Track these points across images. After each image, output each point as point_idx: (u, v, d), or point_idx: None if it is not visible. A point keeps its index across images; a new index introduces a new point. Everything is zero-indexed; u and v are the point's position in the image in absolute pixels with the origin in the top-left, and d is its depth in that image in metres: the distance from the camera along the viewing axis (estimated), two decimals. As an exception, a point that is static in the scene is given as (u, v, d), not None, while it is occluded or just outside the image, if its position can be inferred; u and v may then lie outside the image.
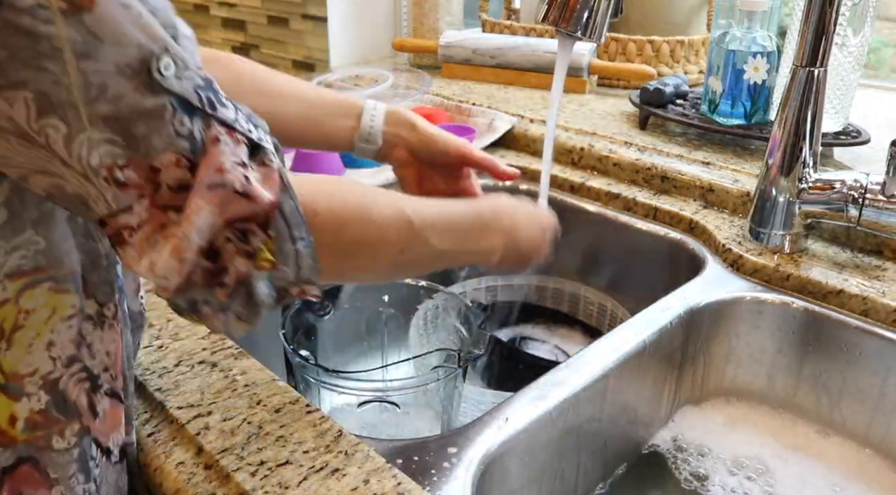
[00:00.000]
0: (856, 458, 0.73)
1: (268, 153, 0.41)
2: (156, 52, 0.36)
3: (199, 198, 0.37)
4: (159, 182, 0.37)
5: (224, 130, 0.39)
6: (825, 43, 0.72)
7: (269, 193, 0.40)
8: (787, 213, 0.78)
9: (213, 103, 0.39)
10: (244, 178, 0.39)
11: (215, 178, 0.38)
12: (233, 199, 0.38)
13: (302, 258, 0.43)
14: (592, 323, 0.95)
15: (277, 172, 0.41)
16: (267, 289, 0.42)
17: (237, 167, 0.39)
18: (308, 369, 0.62)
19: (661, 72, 1.30)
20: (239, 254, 0.40)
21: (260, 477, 0.48)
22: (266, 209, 0.40)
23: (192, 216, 0.37)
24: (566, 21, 0.65)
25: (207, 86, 0.39)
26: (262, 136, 0.41)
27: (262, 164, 0.40)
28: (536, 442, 0.59)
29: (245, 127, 0.40)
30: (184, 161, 0.37)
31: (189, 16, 1.68)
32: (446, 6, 1.49)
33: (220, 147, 0.38)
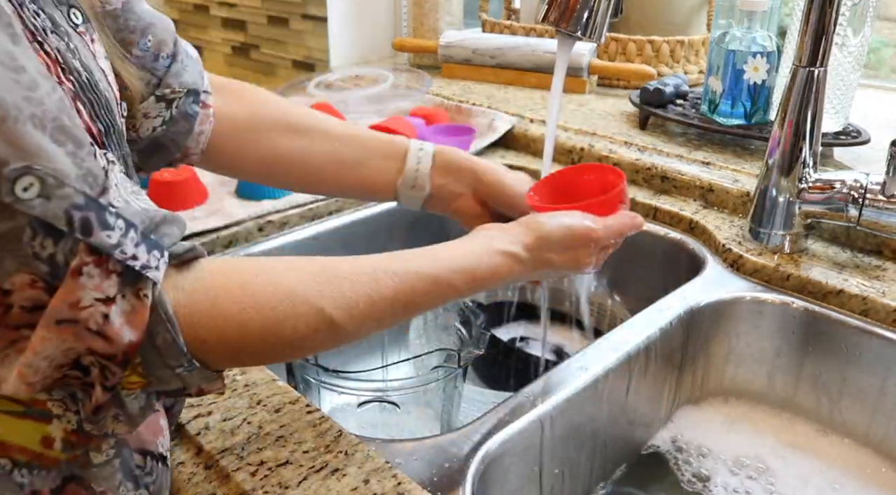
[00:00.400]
0: (855, 458, 0.73)
1: (146, 284, 0.37)
2: (11, 173, 0.32)
3: (45, 330, 0.34)
4: (10, 303, 0.34)
5: (92, 261, 0.34)
6: (825, 43, 0.72)
7: (130, 333, 0.36)
8: (787, 213, 0.78)
9: (90, 225, 0.34)
10: (101, 317, 0.35)
11: (67, 314, 0.34)
12: (87, 336, 0.35)
13: (186, 378, 0.40)
14: (592, 323, 0.95)
15: (150, 307, 0.37)
16: (143, 401, 0.40)
17: (96, 303, 0.35)
18: (308, 369, 0.62)
19: (661, 72, 1.30)
20: (99, 383, 0.37)
21: (260, 477, 0.48)
22: (123, 350, 0.36)
23: (37, 346, 0.34)
24: (566, 21, 0.65)
25: (90, 203, 0.34)
26: (148, 263, 0.37)
27: (135, 296, 0.36)
28: (536, 442, 0.59)
29: (128, 252, 0.36)
30: (40, 282, 0.34)
31: (189, 15, 1.68)
32: (446, 6, 1.49)
33: (81, 280, 0.34)
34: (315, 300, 0.43)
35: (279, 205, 0.87)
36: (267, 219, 0.85)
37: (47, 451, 0.41)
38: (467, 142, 1.04)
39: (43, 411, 0.40)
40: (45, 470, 0.40)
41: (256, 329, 0.41)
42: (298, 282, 0.44)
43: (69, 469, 0.41)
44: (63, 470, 0.41)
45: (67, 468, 0.41)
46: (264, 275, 0.43)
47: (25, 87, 0.33)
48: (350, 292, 0.45)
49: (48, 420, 0.40)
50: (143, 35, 0.56)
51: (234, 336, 0.41)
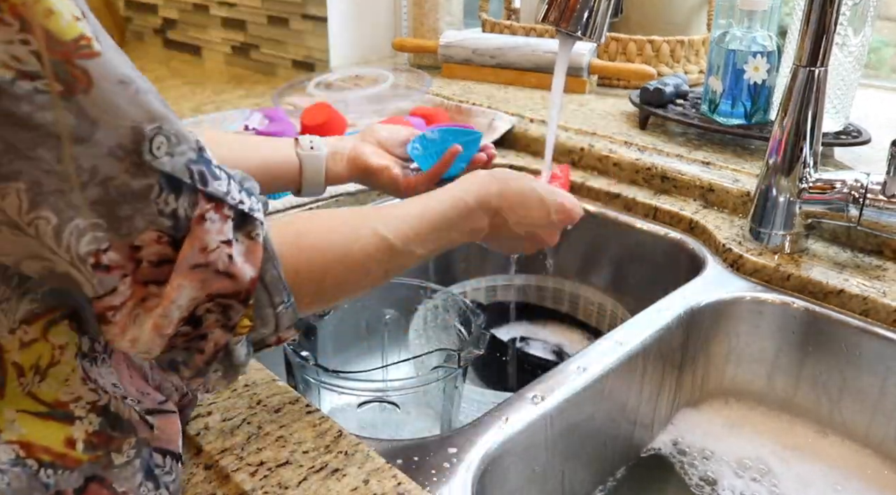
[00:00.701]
0: (855, 458, 0.73)
1: (256, 224, 0.41)
2: (149, 131, 0.35)
3: (181, 277, 0.37)
4: (140, 258, 0.37)
5: (211, 207, 0.38)
6: (826, 43, 0.72)
7: (251, 270, 0.40)
8: (788, 213, 0.78)
9: (205, 177, 0.38)
10: (227, 257, 0.38)
11: (198, 258, 0.37)
12: (214, 278, 0.38)
13: (281, 318, 0.44)
14: (592, 323, 0.95)
15: (262, 245, 0.41)
16: (245, 350, 0.43)
17: (221, 246, 0.38)
18: (308, 369, 0.62)
19: (661, 72, 1.30)
20: (219, 325, 0.40)
21: (260, 478, 0.48)
22: (247, 287, 0.40)
23: (173, 294, 0.37)
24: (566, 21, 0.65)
25: (200, 158, 0.38)
26: (252, 206, 0.41)
27: (248, 237, 0.40)
28: (536, 443, 0.59)
29: (237, 198, 0.40)
30: (165, 237, 0.37)
31: (189, 15, 1.68)
32: (446, 6, 1.49)
33: (206, 226, 0.38)
34: (370, 222, 0.52)
35: (278, 205, 0.87)
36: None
37: (70, 452, 0.41)
38: (467, 142, 1.04)
39: (66, 413, 0.41)
40: (68, 471, 0.41)
41: (335, 254, 0.48)
42: (350, 214, 0.53)
43: (91, 469, 0.41)
44: (85, 470, 0.41)
45: (90, 468, 0.41)
46: (322, 214, 0.52)
47: (138, 71, 0.36)
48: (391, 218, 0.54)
49: (71, 421, 0.41)
50: None
51: (318, 263, 0.47)
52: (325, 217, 0.52)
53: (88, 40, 0.33)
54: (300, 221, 0.50)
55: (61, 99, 0.32)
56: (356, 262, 0.50)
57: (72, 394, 0.41)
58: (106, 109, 0.34)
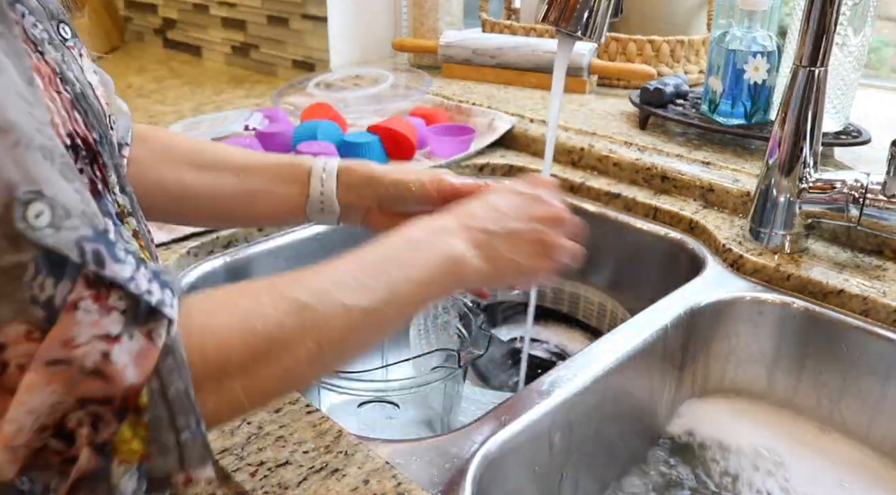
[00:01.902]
0: (855, 459, 0.73)
1: (161, 324, 0.34)
2: (24, 196, 0.30)
3: (35, 374, 0.31)
4: (6, 361, 0.31)
5: (91, 294, 0.32)
6: (826, 43, 0.72)
7: (134, 374, 0.33)
8: (788, 213, 0.78)
9: (102, 257, 0.32)
10: (100, 355, 0.32)
11: (58, 354, 0.31)
12: (82, 378, 0.32)
13: (186, 449, 0.36)
14: (592, 323, 0.95)
15: (160, 349, 0.34)
16: (135, 485, 0.35)
17: (95, 340, 0.32)
18: (308, 369, 0.62)
19: (661, 72, 1.30)
20: (88, 443, 0.33)
21: (260, 478, 0.48)
22: (124, 393, 0.33)
23: (23, 395, 0.31)
24: (566, 21, 0.65)
25: (98, 237, 0.32)
26: (163, 300, 0.34)
27: (146, 336, 0.33)
28: (536, 443, 0.59)
29: (142, 288, 0.34)
30: (36, 333, 0.31)
31: (189, 15, 1.68)
32: (446, 6, 1.49)
33: (77, 315, 0.31)
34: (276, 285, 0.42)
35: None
36: (267, 219, 0.85)
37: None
38: (467, 142, 1.04)
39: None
40: None
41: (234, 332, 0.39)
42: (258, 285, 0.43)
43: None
44: None
45: None
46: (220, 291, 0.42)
47: (38, 121, 0.32)
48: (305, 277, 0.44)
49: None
50: None
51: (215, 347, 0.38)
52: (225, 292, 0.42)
53: None
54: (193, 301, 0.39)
55: None
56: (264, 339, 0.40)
57: None
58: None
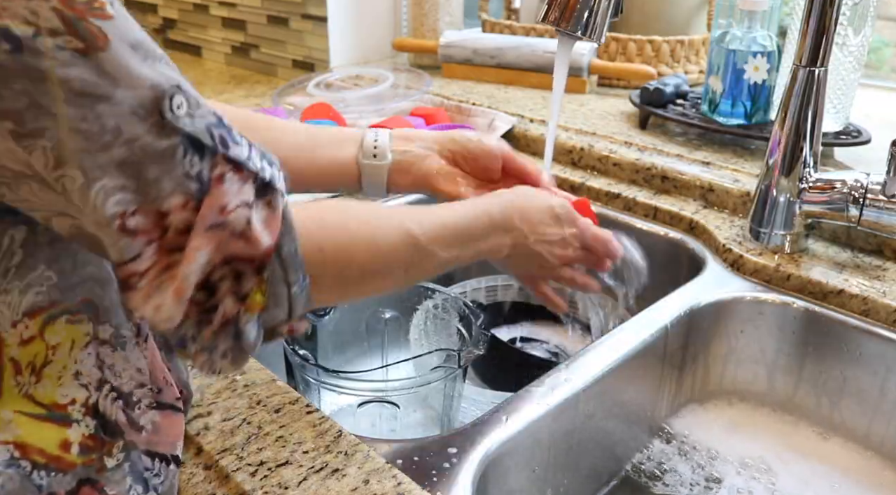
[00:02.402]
0: (856, 458, 0.73)
1: (276, 193, 0.40)
2: (168, 90, 0.35)
3: (199, 238, 0.37)
4: (167, 226, 0.37)
5: (230, 168, 0.38)
6: (826, 42, 0.72)
7: (268, 237, 0.39)
8: (788, 213, 0.78)
9: (226, 141, 0.38)
10: (245, 221, 0.38)
11: (216, 218, 0.37)
12: (231, 240, 0.38)
13: (295, 300, 0.43)
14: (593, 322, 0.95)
15: (281, 215, 0.40)
16: (255, 331, 0.42)
17: (240, 208, 0.38)
18: (308, 369, 0.62)
19: (661, 72, 1.30)
20: (230, 294, 0.39)
21: (260, 478, 0.48)
22: (262, 254, 0.39)
23: (192, 254, 0.37)
24: (566, 21, 0.65)
25: (219, 123, 0.38)
26: (273, 175, 0.40)
27: (267, 205, 0.40)
28: (536, 443, 0.59)
29: (257, 165, 0.39)
30: (191, 202, 0.37)
31: (189, 15, 1.68)
32: (446, 6, 1.49)
33: (225, 186, 0.38)
34: (398, 216, 0.52)
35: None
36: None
37: (65, 455, 0.41)
38: (467, 142, 1.04)
39: (63, 415, 0.41)
40: (61, 473, 0.41)
41: (361, 238, 0.48)
42: (378, 206, 0.54)
43: (85, 472, 0.42)
44: (79, 473, 0.41)
45: (83, 471, 0.42)
46: (350, 202, 0.52)
47: (151, 40, 0.36)
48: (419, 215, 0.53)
49: (68, 424, 0.41)
50: None
51: (343, 245, 0.47)
52: (353, 204, 0.52)
53: (101, 3, 0.33)
54: (326, 204, 0.50)
55: (82, 56, 0.32)
56: (381, 252, 0.49)
57: (67, 396, 0.41)
58: (124, 69, 0.34)
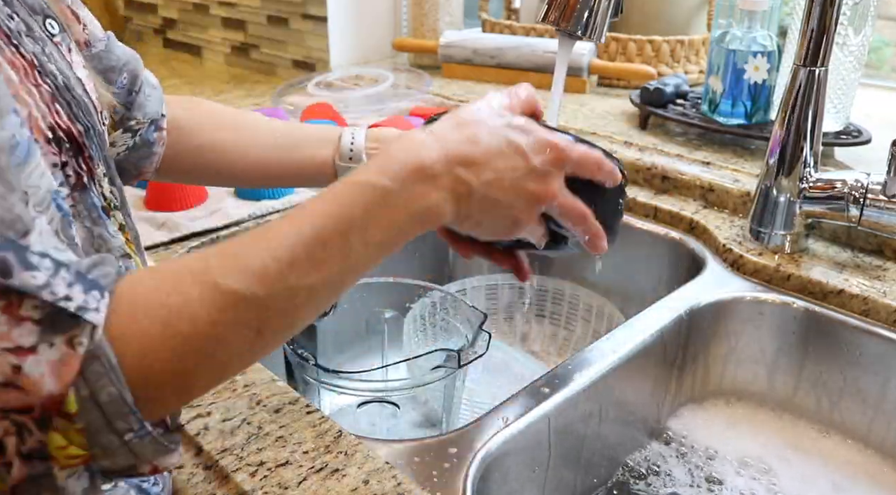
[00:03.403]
0: (856, 458, 0.73)
1: (82, 330, 0.32)
2: None
3: None
4: None
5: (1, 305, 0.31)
6: (826, 42, 0.72)
7: (52, 383, 0.32)
8: (788, 213, 0.78)
9: (8, 267, 0.31)
10: (10, 368, 0.31)
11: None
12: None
13: (136, 447, 0.35)
14: (592, 323, 0.95)
15: (82, 357, 0.32)
16: (87, 483, 0.35)
17: (6, 354, 0.31)
18: (308, 369, 0.62)
19: (661, 72, 1.30)
20: (16, 454, 0.33)
21: (260, 478, 0.48)
22: (43, 402, 0.32)
23: None
24: (566, 21, 0.65)
25: (7, 244, 0.31)
26: (85, 305, 0.33)
27: (67, 343, 0.32)
28: (536, 443, 0.59)
29: (59, 294, 0.32)
30: None
31: (189, 15, 1.68)
32: (446, 6, 1.49)
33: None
34: (209, 276, 0.37)
35: (278, 205, 0.87)
36: (266, 219, 0.85)
37: None
38: (467, 142, 1.04)
39: None
40: None
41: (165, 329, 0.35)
42: (184, 267, 0.39)
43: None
44: None
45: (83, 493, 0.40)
46: (157, 272, 0.39)
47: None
48: (243, 253, 0.39)
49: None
50: (121, 73, 0.61)
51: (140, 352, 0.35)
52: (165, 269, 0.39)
53: None
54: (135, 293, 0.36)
55: None
56: (197, 332, 0.36)
57: None
58: None
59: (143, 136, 0.63)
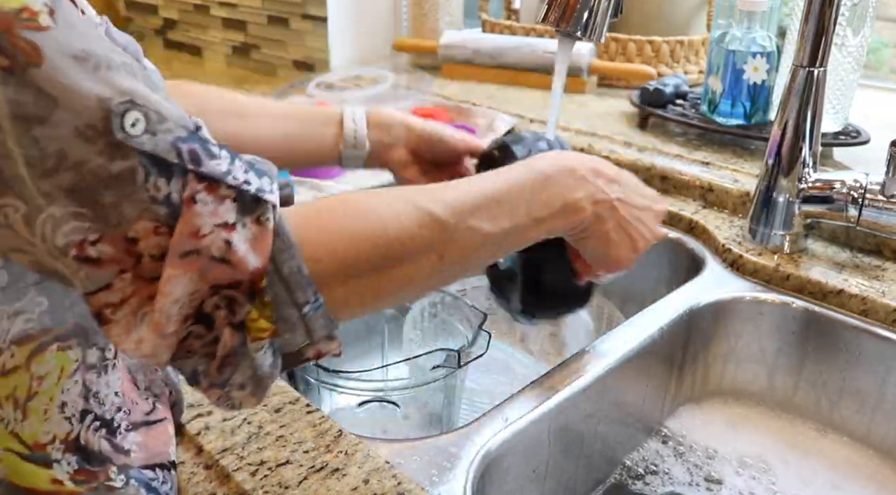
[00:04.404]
0: (855, 458, 0.73)
1: (265, 208, 0.36)
2: (119, 107, 0.32)
3: (173, 267, 0.33)
4: (139, 252, 0.33)
5: (203, 187, 0.34)
6: (825, 43, 0.72)
7: (255, 259, 0.35)
8: (787, 213, 0.78)
9: (198, 155, 0.34)
10: (224, 243, 0.34)
11: (188, 245, 0.34)
12: (212, 266, 0.34)
13: (312, 321, 0.38)
14: (591, 323, 0.95)
15: (272, 232, 0.36)
16: (271, 359, 0.38)
17: (218, 229, 0.34)
18: (308, 369, 0.62)
19: (661, 72, 1.30)
20: (227, 323, 0.36)
21: (260, 477, 0.48)
22: (250, 277, 0.35)
23: (166, 287, 0.33)
24: (566, 21, 0.65)
25: (192, 136, 0.35)
26: (262, 187, 0.36)
27: (256, 222, 0.35)
28: (536, 443, 0.59)
29: (239, 179, 0.35)
30: (163, 227, 0.33)
31: (189, 15, 1.68)
32: (446, 6, 1.49)
33: (196, 207, 0.34)
34: (411, 198, 0.44)
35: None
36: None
37: (61, 489, 0.40)
38: (467, 143, 1.04)
39: (44, 456, 0.40)
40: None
41: (366, 235, 0.41)
42: (388, 192, 0.45)
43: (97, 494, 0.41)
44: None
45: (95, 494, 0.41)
46: (355, 194, 0.44)
47: (108, 47, 0.34)
48: (438, 191, 0.45)
49: (49, 464, 0.40)
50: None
51: (345, 247, 0.40)
52: (358, 197, 0.44)
53: (33, 13, 0.30)
54: (323, 203, 0.43)
55: (9, 74, 0.30)
56: (397, 241, 0.41)
57: (48, 433, 0.40)
58: (64, 85, 0.31)
59: None
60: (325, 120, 0.68)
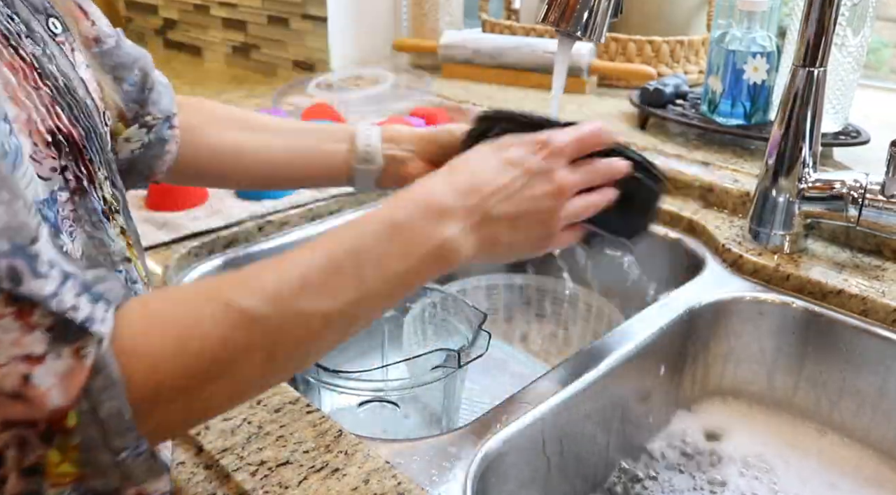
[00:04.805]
0: (855, 458, 0.73)
1: (89, 341, 0.32)
2: None
3: None
4: None
5: (12, 312, 0.30)
6: (825, 43, 0.72)
7: (59, 396, 0.31)
8: (787, 213, 0.78)
9: (18, 273, 0.30)
10: (20, 377, 0.30)
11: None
12: (3, 402, 0.31)
13: (129, 467, 0.34)
14: (591, 323, 0.95)
15: (89, 368, 0.32)
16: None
17: (15, 362, 0.30)
18: (308, 369, 0.62)
19: (660, 72, 1.30)
20: (16, 468, 0.32)
21: (260, 477, 0.48)
22: (50, 416, 0.31)
23: None
24: (566, 21, 0.65)
25: (18, 251, 0.31)
26: (92, 316, 0.32)
27: (74, 355, 0.31)
28: (536, 443, 0.59)
29: (67, 304, 0.32)
30: None
31: (189, 15, 1.68)
32: (446, 6, 1.49)
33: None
34: (219, 292, 0.38)
35: (279, 205, 0.87)
36: (267, 220, 0.86)
37: None
38: (467, 143, 1.04)
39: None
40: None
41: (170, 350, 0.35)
42: (198, 289, 0.40)
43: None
44: None
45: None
46: (169, 291, 0.40)
47: None
48: (252, 279, 0.39)
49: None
50: (131, 70, 0.61)
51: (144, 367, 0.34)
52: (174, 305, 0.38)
53: None
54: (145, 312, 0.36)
55: None
56: (207, 350, 0.36)
57: None
58: None
59: (157, 133, 0.63)
60: (337, 136, 0.67)
